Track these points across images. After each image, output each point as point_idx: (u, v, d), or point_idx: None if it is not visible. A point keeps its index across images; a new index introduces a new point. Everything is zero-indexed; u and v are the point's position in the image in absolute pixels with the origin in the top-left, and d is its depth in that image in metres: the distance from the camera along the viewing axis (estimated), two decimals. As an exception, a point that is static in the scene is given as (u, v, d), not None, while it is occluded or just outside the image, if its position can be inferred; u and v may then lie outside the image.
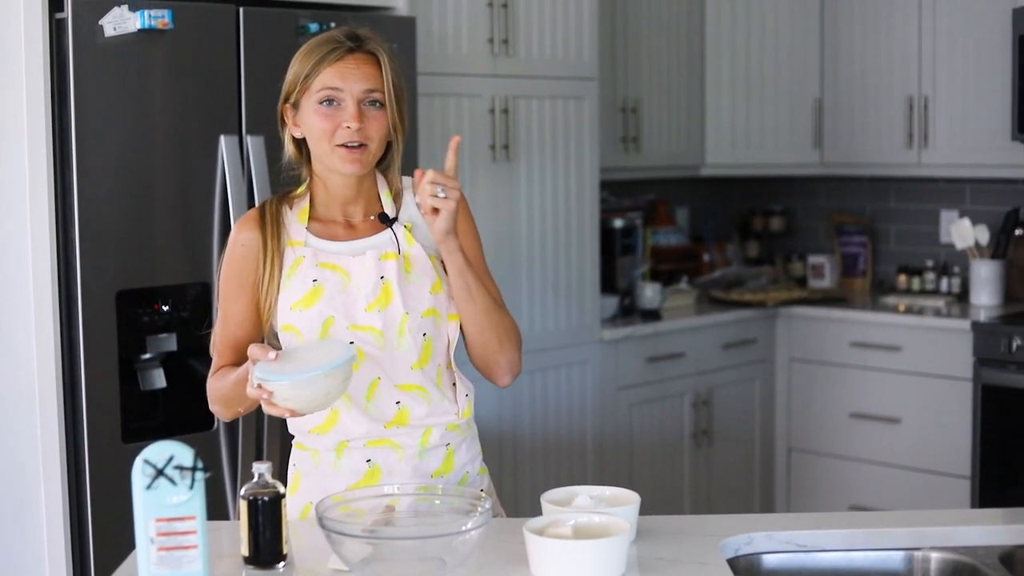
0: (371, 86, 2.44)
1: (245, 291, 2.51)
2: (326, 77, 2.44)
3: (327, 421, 2.48)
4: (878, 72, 5.57)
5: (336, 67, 2.43)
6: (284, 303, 2.47)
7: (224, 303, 2.55)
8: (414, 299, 2.47)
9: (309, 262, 2.48)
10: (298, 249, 2.49)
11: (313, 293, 2.46)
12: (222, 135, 3.61)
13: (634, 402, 5.10)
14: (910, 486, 5.24)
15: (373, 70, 2.44)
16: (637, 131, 5.44)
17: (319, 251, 2.49)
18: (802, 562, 2.36)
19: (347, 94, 2.43)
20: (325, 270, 2.47)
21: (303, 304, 2.46)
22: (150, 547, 1.95)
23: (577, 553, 2.05)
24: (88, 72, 3.37)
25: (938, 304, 5.37)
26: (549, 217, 4.73)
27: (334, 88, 2.43)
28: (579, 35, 4.80)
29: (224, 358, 2.55)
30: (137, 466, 1.92)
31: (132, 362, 3.56)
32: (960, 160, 5.37)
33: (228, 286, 2.54)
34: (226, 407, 2.54)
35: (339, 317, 2.44)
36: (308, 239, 2.51)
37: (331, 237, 2.52)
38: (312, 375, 2.23)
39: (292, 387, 2.24)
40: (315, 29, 3.74)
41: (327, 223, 2.54)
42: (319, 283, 2.46)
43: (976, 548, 2.34)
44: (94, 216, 3.41)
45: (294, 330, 2.46)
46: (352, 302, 2.45)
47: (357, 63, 2.44)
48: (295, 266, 2.48)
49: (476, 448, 2.61)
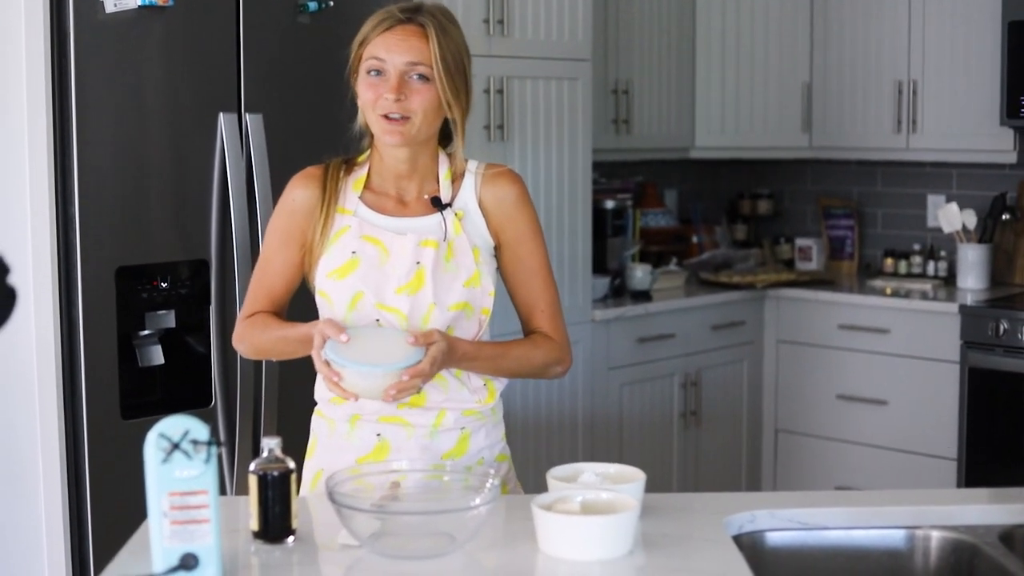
0: (414, 59, 2.44)
1: (289, 246, 2.55)
2: (373, 47, 2.46)
3: None
4: (867, 56, 5.59)
5: (383, 37, 2.45)
6: (322, 268, 2.50)
7: (266, 251, 2.59)
8: (445, 290, 2.47)
9: (354, 232, 2.50)
10: (347, 217, 2.51)
11: (349, 264, 2.48)
12: (221, 112, 3.62)
13: (624, 382, 5.12)
14: (897, 467, 5.28)
15: (420, 43, 2.44)
16: (628, 113, 5.46)
17: (365, 222, 2.51)
18: (804, 539, 2.38)
19: (390, 65, 2.44)
20: (367, 243, 2.49)
21: (338, 274, 2.48)
22: (163, 520, 1.95)
23: (587, 529, 2.07)
24: (89, 48, 3.37)
25: (925, 287, 5.40)
26: (542, 197, 4.74)
27: (378, 59, 2.45)
28: (573, 16, 4.81)
29: (259, 303, 2.59)
30: (151, 440, 1.93)
31: (131, 338, 3.56)
32: (948, 145, 5.40)
33: (273, 237, 2.57)
34: (259, 353, 2.63)
35: (368, 294, 2.46)
36: (358, 208, 2.53)
37: (381, 210, 2.53)
38: (382, 371, 2.30)
39: (360, 377, 2.31)
40: (314, 8, 3.74)
41: (380, 195, 2.55)
42: (357, 255, 2.48)
43: (976, 527, 2.36)
44: (93, 193, 3.41)
45: (326, 296, 2.50)
46: (385, 280, 2.46)
47: (404, 35, 2.45)
48: (340, 234, 2.50)
49: (498, 434, 2.63)
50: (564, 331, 2.64)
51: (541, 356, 2.59)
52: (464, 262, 2.50)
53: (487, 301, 2.53)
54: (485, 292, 2.52)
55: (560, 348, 2.62)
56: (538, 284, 2.60)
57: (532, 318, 2.63)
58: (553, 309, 2.62)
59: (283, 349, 2.55)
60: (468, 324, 2.52)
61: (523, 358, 2.57)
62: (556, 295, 2.64)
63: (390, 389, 2.32)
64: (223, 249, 3.64)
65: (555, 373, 2.64)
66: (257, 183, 3.65)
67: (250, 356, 2.69)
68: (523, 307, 2.63)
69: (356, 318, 2.48)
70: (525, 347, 2.58)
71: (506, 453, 2.66)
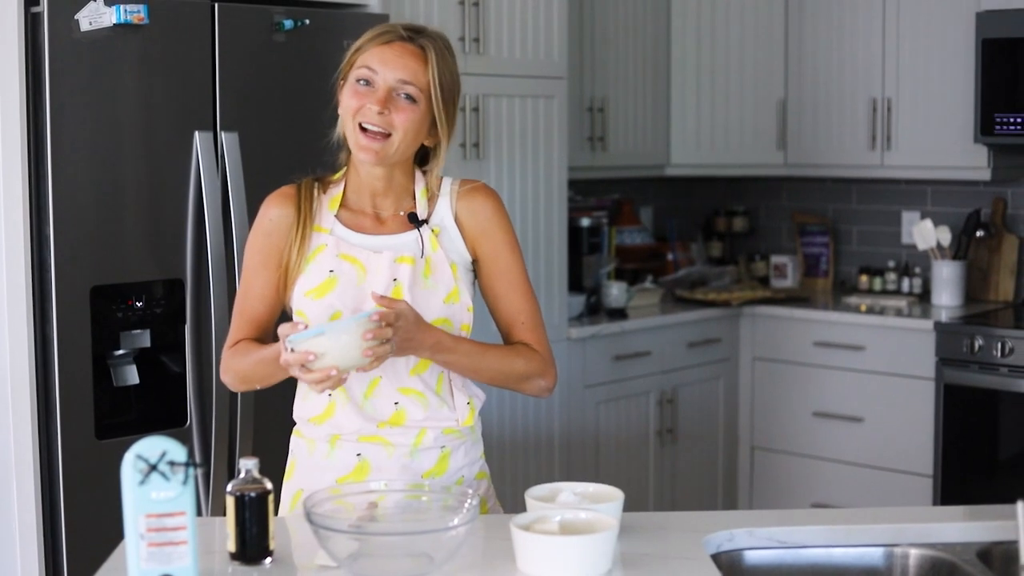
0: (406, 77, 2.43)
1: (267, 267, 2.53)
2: (367, 56, 2.45)
3: (323, 413, 2.51)
4: (842, 74, 5.62)
5: (380, 49, 2.44)
6: (299, 288, 2.49)
7: (246, 275, 2.57)
8: (424, 307, 2.46)
9: (330, 251, 2.49)
10: (323, 236, 2.50)
11: (327, 283, 2.47)
12: (197, 131, 3.61)
13: (600, 400, 5.12)
14: (873, 484, 5.28)
15: (416, 63, 2.43)
16: (604, 131, 5.47)
17: (342, 241, 2.50)
18: (782, 558, 2.38)
19: (380, 78, 2.43)
20: (344, 262, 2.48)
21: (316, 293, 2.47)
22: (140, 542, 1.94)
23: (566, 549, 2.06)
24: (64, 67, 3.35)
25: (900, 304, 5.42)
26: (518, 215, 4.74)
27: (370, 68, 2.44)
28: (549, 34, 4.82)
29: (241, 331, 2.57)
30: (128, 461, 1.91)
31: (105, 358, 3.54)
32: (922, 162, 5.42)
33: (252, 260, 2.55)
34: (243, 382, 2.58)
35: (346, 312, 2.45)
36: (334, 227, 2.52)
37: (358, 228, 2.52)
38: (346, 322, 2.26)
39: (331, 342, 2.25)
40: (289, 26, 3.74)
41: (356, 213, 2.54)
42: (335, 274, 2.47)
43: (954, 545, 2.37)
44: (68, 212, 3.39)
45: (303, 316, 2.48)
46: (363, 298, 2.45)
47: (401, 52, 2.44)
48: (316, 252, 2.49)
49: (477, 452, 2.62)
50: (547, 345, 2.63)
51: (523, 364, 2.56)
52: (442, 278, 2.50)
53: (467, 317, 2.53)
54: (464, 307, 2.52)
55: (543, 361, 2.60)
56: (517, 298, 2.60)
57: (512, 332, 2.61)
58: (534, 322, 2.61)
59: (263, 372, 2.50)
60: None
61: (503, 361, 2.54)
62: (537, 309, 2.62)
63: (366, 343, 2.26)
64: (198, 268, 3.63)
65: (538, 387, 2.61)
66: (232, 201, 3.64)
67: (237, 387, 2.62)
68: (503, 322, 2.62)
69: None
70: (506, 351, 2.57)
71: (485, 471, 2.66)
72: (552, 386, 2.62)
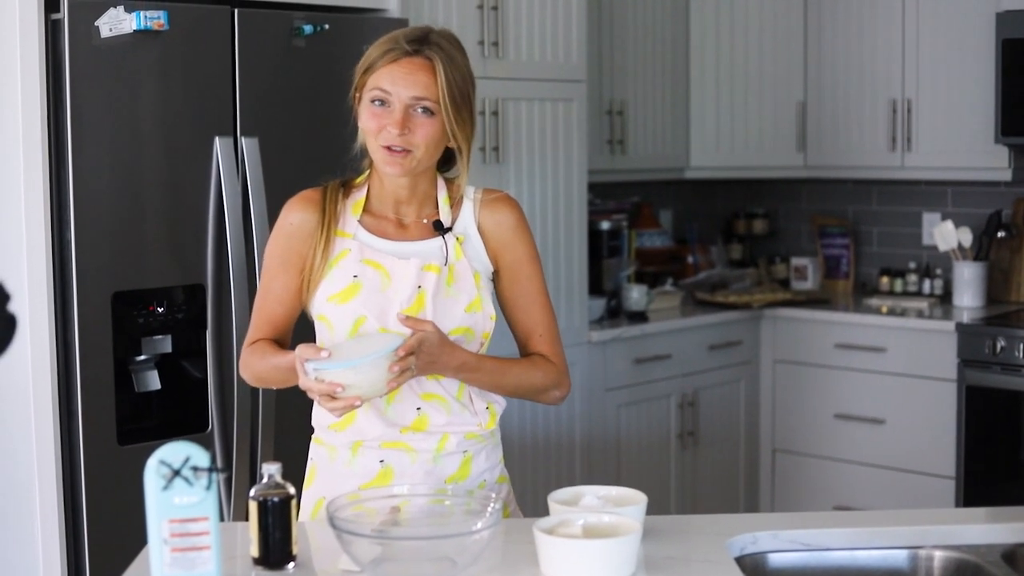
0: (420, 94, 2.40)
1: (287, 270, 2.52)
2: (378, 77, 2.42)
3: (345, 419, 2.49)
4: (861, 75, 5.60)
5: (389, 69, 2.42)
6: (322, 293, 2.48)
7: (266, 277, 2.57)
8: (446, 315, 2.46)
9: (354, 256, 2.48)
10: (346, 240, 2.50)
11: (351, 289, 2.46)
12: (217, 136, 3.61)
13: (621, 403, 5.11)
14: (895, 487, 5.27)
15: (426, 77, 2.41)
16: (623, 134, 5.46)
17: (365, 246, 2.49)
18: (807, 561, 2.37)
19: (395, 98, 2.41)
20: (368, 267, 2.47)
21: (340, 298, 2.46)
22: (163, 548, 1.94)
23: (589, 552, 2.06)
24: (84, 73, 3.36)
25: (921, 306, 5.40)
26: (538, 219, 4.74)
27: (383, 90, 2.42)
28: (568, 37, 4.82)
29: (260, 331, 2.57)
30: (152, 467, 1.92)
31: (127, 364, 3.55)
32: (943, 163, 5.41)
33: (272, 262, 2.55)
34: (259, 381, 2.60)
35: (371, 319, 2.44)
36: (358, 232, 2.51)
37: (381, 234, 2.52)
38: (376, 357, 2.25)
39: (357, 373, 2.26)
40: (309, 31, 3.74)
41: (379, 218, 2.54)
42: (359, 279, 2.46)
43: (978, 546, 2.36)
44: (90, 218, 3.40)
45: (326, 321, 2.48)
46: (387, 305, 2.45)
47: (411, 68, 2.41)
48: (340, 257, 2.49)
49: (497, 456, 2.61)
50: (563, 356, 2.64)
51: (541, 377, 2.58)
52: (465, 287, 2.49)
53: (488, 325, 2.52)
54: (486, 316, 2.52)
55: (559, 372, 2.61)
56: (536, 310, 2.60)
57: (530, 343, 2.62)
58: (552, 334, 2.62)
59: (277, 378, 2.52)
60: (469, 348, 2.51)
61: (523, 376, 2.56)
62: (554, 320, 2.63)
63: (391, 374, 2.28)
64: (219, 273, 3.63)
65: (553, 398, 2.63)
66: (253, 207, 3.64)
67: (253, 384, 2.67)
68: (521, 332, 2.63)
69: None
70: (525, 366, 2.58)
71: (505, 475, 2.66)
72: (565, 396, 2.65)
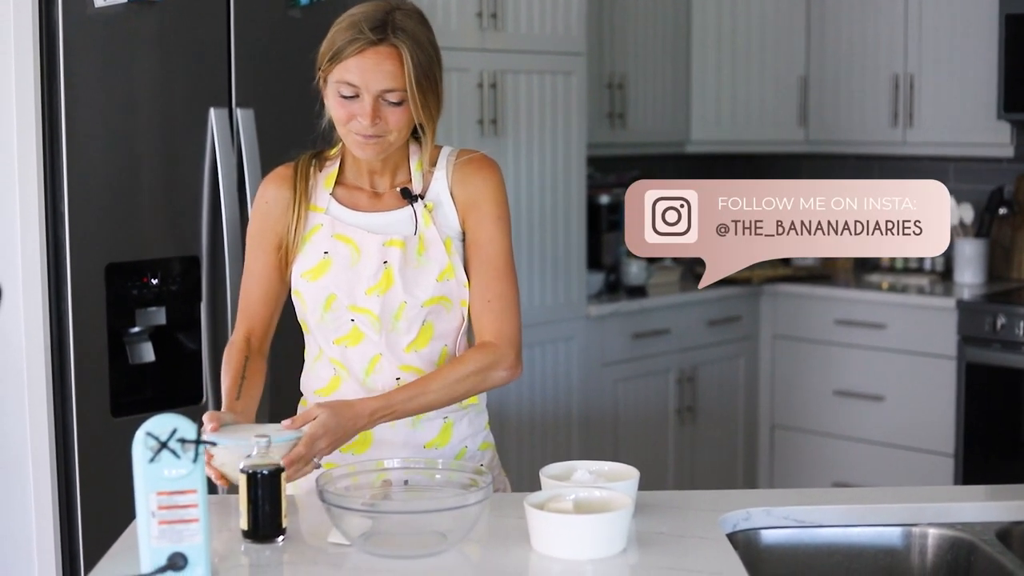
0: (389, 86, 2.34)
1: (265, 248, 2.52)
2: (344, 70, 2.35)
3: (328, 386, 2.51)
4: (864, 50, 5.57)
5: (355, 60, 2.34)
6: (297, 268, 2.48)
7: (248, 257, 2.56)
8: (417, 286, 2.43)
9: (325, 231, 2.47)
10: (319, 215, 2.48)
11: (322, 265, 2.45)
12: (212, 108, 3.59)
13: (619, 378, 5.10)
14: (894, 464, 5.26)
15: (393, 66, 2.34)
16: (623, 107, 5.44)
17: (337, 220, 2.48)
18: (799, 537, 2.36)
19: (364, 91, 2.35)
20: (339, 242, 2.46)
21: (311, 275, 2.46)
22: (151, 520, 1.93)
23: (580, 527, 2.05)
24: (78, 44, 3.34)
25: (922, 282, 5.38)
26: (536, 193, 4.72)
27: (351, 84, 2.35)
28: (567, 10, 4.79)
29: (244, 313, 2.56)
30: (139, 439, 1.91)
31: (121, 336, 3.54)
32: (945, 139, 5.38)
33: (251, 241, 2.55)
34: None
35: (341, 295, 2.44)
36: (330, 205, 2.49)
37: (353, 206, 2.50)
38: (242, 445, 2.20)
39: (226, 452, 2.23)
40: (305, 2, 3.71)
41: (352, 190, 2.51)
42: (329, 255, 2.45)
43: (973, 524, 2.34)
44: (83, 189, 3.38)
45: (301, 297, 2.49)
46: (356, 281, 2.44)
47: (377, 58, 2.34)
48: (312, 232, 2.48)
49: (480, 423, 2.58)
50: (512, 329, 2.47)
51: (471, 367, 2.43)
52: (435, 255, 2.45)
53: (464, 293, 2.47)
54: (460, 283, 2.47)
55: (495, 349, 2.45)
56: (490, 274, 2.47)
57: (481, 318, 2.48)
58: (502, 303, 2.47)
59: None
60: (449, 317, 2.48)
61: (449, 378, 2.42)
62: (511, 291, 2.49)
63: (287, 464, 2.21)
64: (214, 245, 3.62)
65: (498, 379, 2.46)
66: (248, 178, 3.62)
67: None
68: (474, 302, 2.48)
69: (331, 319, 2.46)
70: (445, 370, 2.44)
71: (490, 441, 2.61)
72: (514, 372, 2.47)
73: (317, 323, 2.49)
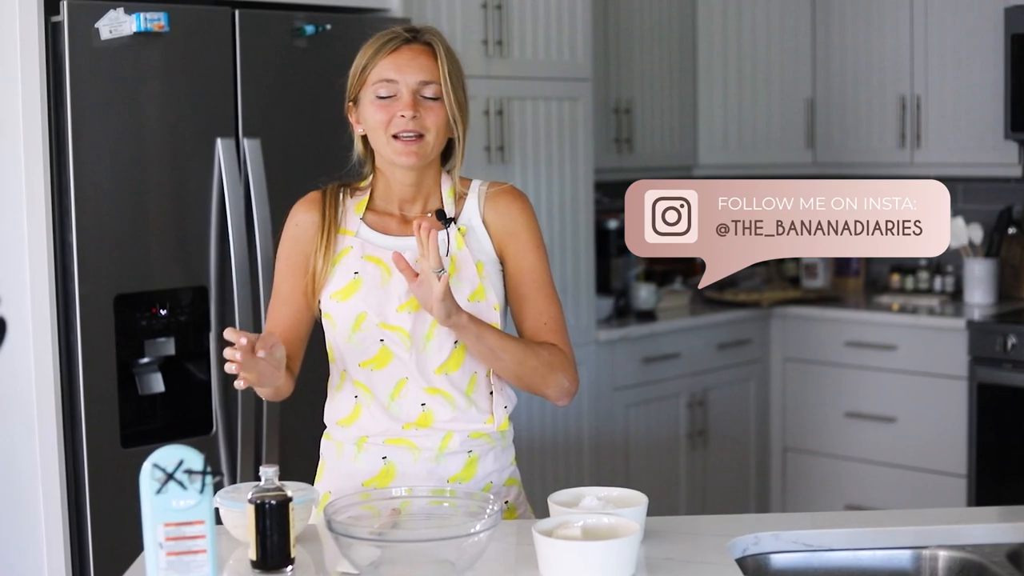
0: (426, 77, 2.44)
1: (294, 272, 2.54)
2: (381, 69, 2.45)
3: (351, 415, 2.51)
4: (870, 71, 5.57)
5: (391, 58, 2.45)
6: (327, 291, 2.49)
7: (277, 280, 2.58)
8: None
9: (356, 253, 2.49)
10: (348, 238, 2.51)
11: (352, 285, 2.47)
12: (219, 138, 3.60)
13: (630, 403, 5.09)
14: (906, 485, 5.24)
15: (429, 61, 2.45)
16: (630, 132, 5.44)
17: (367, 243, 2.50)
18: (809, 561, 2.35)
19: (402, 85, 2.44)
20: (368, 263, 2.48)
21: (341, 295, 2.47)
22: (159, 552, 1.93)
23: (588, 554, 2.04)
24: (84, 75, 3.35)
25: (932, 303, 5.37)
26: (544, 218, 4.72)
27: (389, 80, 2.44)
28: (572, 36, 4.80)
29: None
30: (146, 470, 1.91)
31: (130, 366, 3.54)
32: (953, 159, 5.38)
33: (280, 264, 2.57)
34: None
35: (371, 314, 2.45)
36: (360, 229, 2.52)
37: (383, 229, 2.52)
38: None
39: (236, 515, 2.26)
40: (311, 31, 3.73)
41: (383, 215, 2.54)
42: (359, 275, 2.47)
43: (983, 546, 2.33)
44: (91, 220, 3.39)
45: (330, 318, 2.50)
46: (387, 299, 2.45)
47: (413, 54, 2.45)
48: (342, 255, 2.50)
49: (507, 459, 2.58)
50: (571, 350, 2.57)
51: (545, 356, 2.49)
52: (467, 275, 2.48)
53: (493, 315, 2.49)
54: (490, 306, 2.49)
55: (566, 359, 2.53)
56: (541, 299, 2.55)
57: (537, 335, 2.55)
58: (558, 324, 2.56)
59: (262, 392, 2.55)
60: None
61: (524, 352, 2.47)
62: (561, 313, 2.58)
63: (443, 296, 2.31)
64: (222, 275, 3.62)
65: (561, 387, 2.53)
66: (255, 208, 3.63)
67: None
68: (528, 324, 2.55)
69: (359, 339, 2.47)
70: (526, 343, 2.51)
71: (516, 478, 2.62)
72: (573, 389, 2.56)
73: (345, 344, 2.49)
